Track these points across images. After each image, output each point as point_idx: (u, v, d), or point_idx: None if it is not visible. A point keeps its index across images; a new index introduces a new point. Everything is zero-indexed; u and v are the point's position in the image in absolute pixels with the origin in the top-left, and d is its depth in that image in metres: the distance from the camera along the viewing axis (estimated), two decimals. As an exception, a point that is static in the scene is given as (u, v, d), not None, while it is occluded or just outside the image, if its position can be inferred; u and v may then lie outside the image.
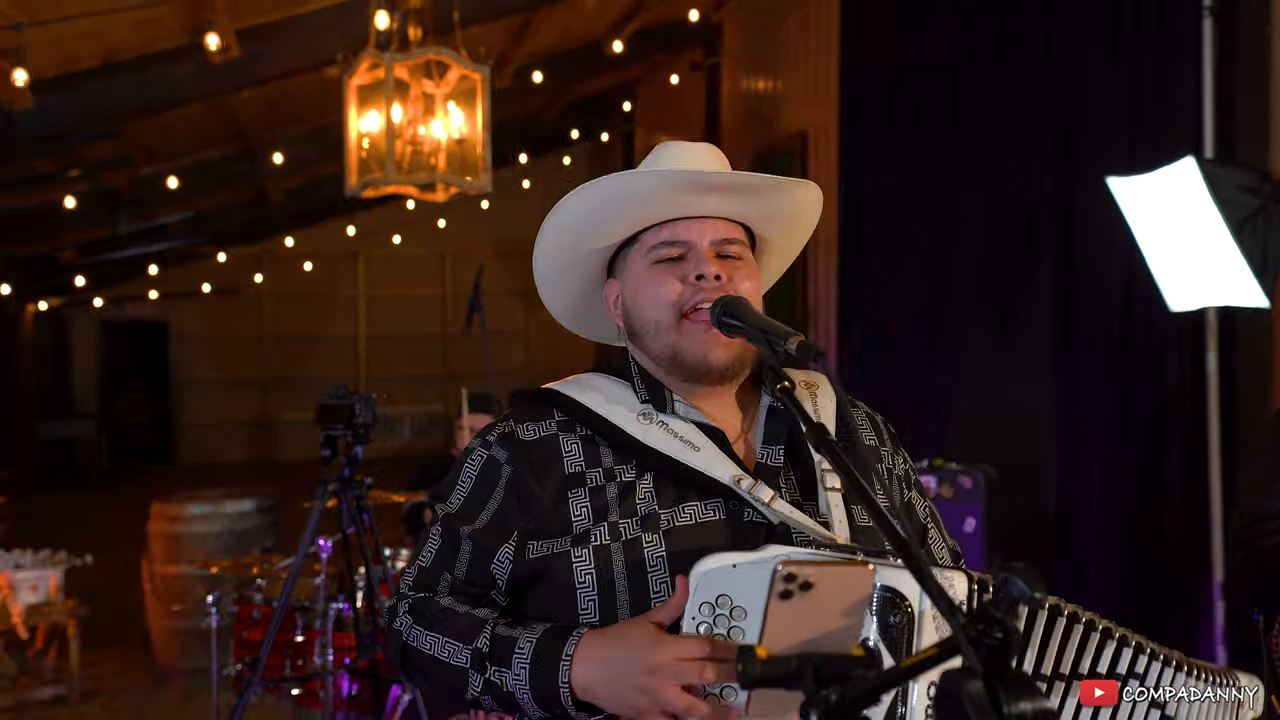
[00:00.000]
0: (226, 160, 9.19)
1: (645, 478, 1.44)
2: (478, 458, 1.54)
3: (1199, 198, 3.63)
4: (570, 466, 1.46)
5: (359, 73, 4.71)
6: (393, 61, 4.58)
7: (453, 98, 4.78)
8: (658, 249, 1.51)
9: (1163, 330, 4.41)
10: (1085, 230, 4.85)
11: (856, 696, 0.72)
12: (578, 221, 1.52)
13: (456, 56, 4.75)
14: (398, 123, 4.65)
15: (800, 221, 1.62)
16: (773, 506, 1.38)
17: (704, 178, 1.47)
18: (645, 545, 1.38)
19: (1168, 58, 4.45)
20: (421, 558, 1.54)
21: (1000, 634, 0.70)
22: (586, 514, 1.42)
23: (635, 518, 1.40)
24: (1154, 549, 4.54)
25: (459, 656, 1.40)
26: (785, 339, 1.28)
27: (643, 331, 1.52)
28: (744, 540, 1.36)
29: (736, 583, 1.19)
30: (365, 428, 3.16)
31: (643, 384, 1.54)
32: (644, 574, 1.37)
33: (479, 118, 4.76)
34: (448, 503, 1.53)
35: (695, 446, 1.45)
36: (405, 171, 4.66)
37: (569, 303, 1.66)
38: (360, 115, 4.76)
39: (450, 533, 1.51)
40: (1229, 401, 4.26)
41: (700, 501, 1.42)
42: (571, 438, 1.49)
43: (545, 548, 1.42)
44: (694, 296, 1.47)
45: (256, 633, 3.99)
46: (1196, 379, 4.33)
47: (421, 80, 4.73)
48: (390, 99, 4.56)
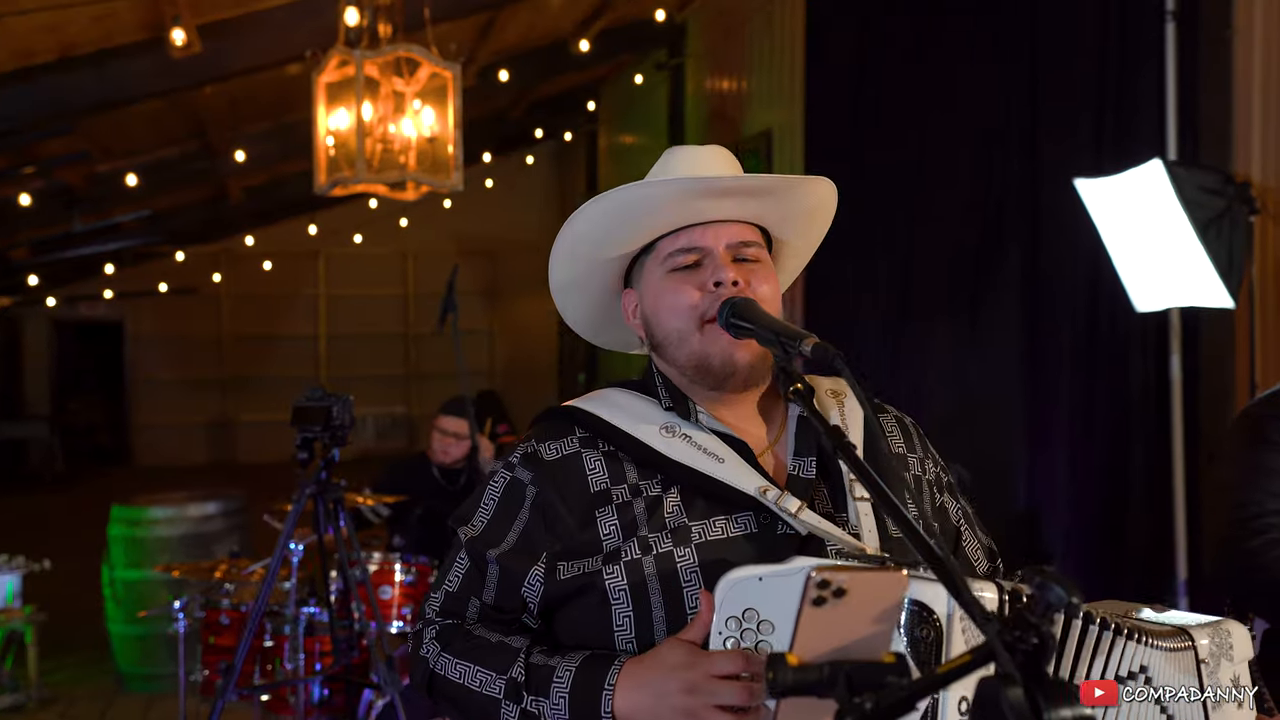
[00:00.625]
0: (186, 157, 9.06)
1: (672, 491, 1.42)
2: (500, 480, 1.51)
3: (1165, 199, 3.67)
4: (595, 484, 1.44)
5: (328, 70, 4.66)
6: (363, 59, 4.54)
7: (422, 95, 4.74)
8: (674, 257, 1.49)
9: (1127, 331, 4.47)
10: (1051, 230, 4.90)
11: (891, 704, 0.71)
12: (591, 234, 1.50)
13: (427, 54, 4.71)
14: (368, 121, 4.60)
15: (816, 219, 1.60)
16: (800, 517, 1.36)
17: (716, 183, 1.45)
18: (678, 559, 1.36)
19: (1131, 60, 4.51)
20: (448, 583, 1.51)
21: (1035, 640, 0.70)
22: (615, 532, 1.40)
23: (665, 530, 1.39)
24: (1119, 548, 4.60)
25: (492, 686, 1.38)
26: (799, 340, 1.26)
27: (666, 342, 1.50)
28: (775, 553, 1.34)
29: (763, 596, 1.18)
30: (342, 429, 3.13)
31: (667, 393, 1.52)
32: (678, 586, 1.35)
33: (450, 116, 4.73)
34: (471, 525, 1.51)
35: (720, 458, 1.43)
36: (376, 170, 4.62)
37: (586, 312, 1.63)
38: (329, 113, 4.70)
39: (477, 557, 1.48)
40: (1192, 402, 4.32)
41: (727, 516, 1.40)
42: (594, 454, 1.47)
43: (577, 568, 1.40)
44: (714, 304, 1.44)
45: (225, 638, 3.93)
46: (1160, 380, 4.38)
47: (392, 78, 4.69)
48: (361, 97, 4.51)
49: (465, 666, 1.41)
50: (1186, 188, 3.65)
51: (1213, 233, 3.67)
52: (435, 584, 1.54)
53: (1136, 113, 4.48)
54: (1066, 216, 4.55)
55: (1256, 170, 4.26)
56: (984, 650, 0.73)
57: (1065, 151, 4.75)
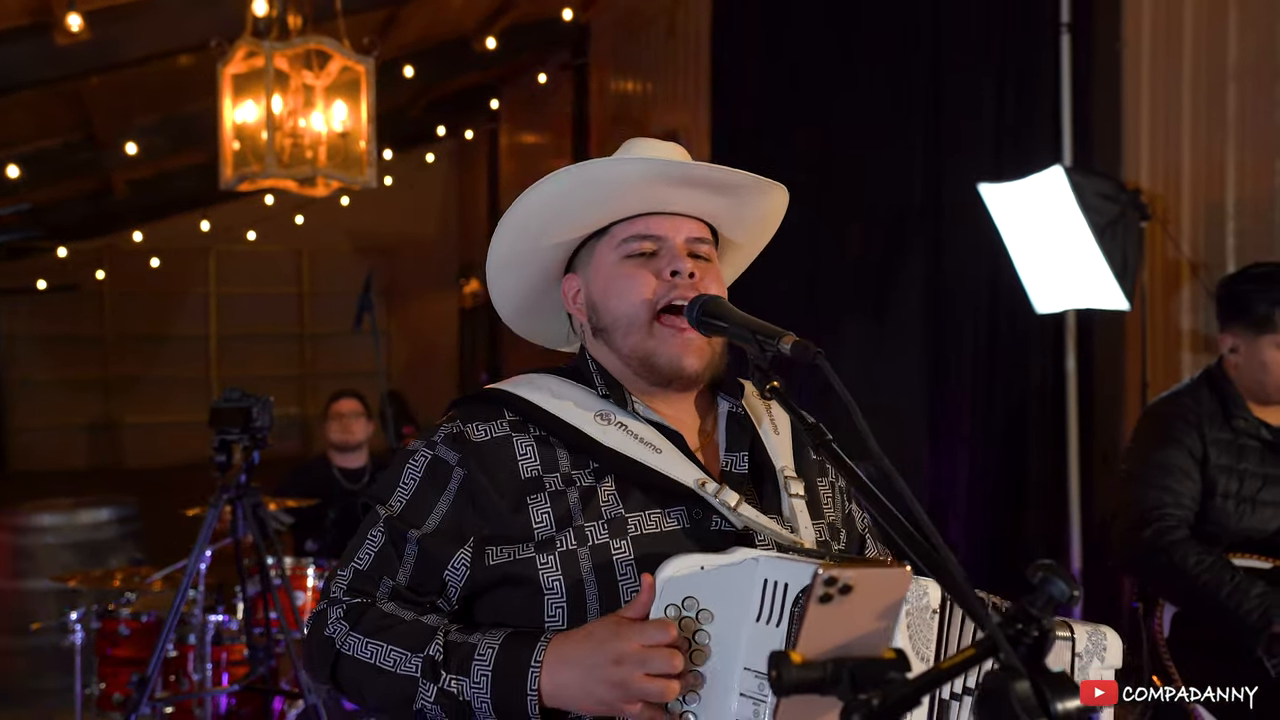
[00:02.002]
0: (69, 149, 8.68)
1: (606, 481, 1.40)
2: (421, 458, 1.45)
3: (1065, 204, 3.81)
4: (526, 470, 1.41)
5: (234, 61, 4.51)
6: (273, 50, 4.41)
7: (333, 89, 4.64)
8: (630, 242, 1.47)
9: (1026, 332, 4.62)
10: (953, 234, 5.03)
11: (897, 700, 0.72)
12: (548, 209, 1.46)
13: (339, 47, 4.61)
14: (278, 114, 4.48)
15: (768, 225, 1.62)
16: (739, 511, 1.36)
17: (690, 169, 1.44)
18: (614, 551, 1.35)
19: (1029, 69, 4.66)
20: (358, 560, 1.44)
21: (1036, 633, 0.71)
22: (548, 520, 1.37)
23: (601, 521, 1.36)
24: (1016, 544, 4.75)
25: (407, 665, 1.33)
26: (777, 339, 1.26)
27: (612, 328, 1.47)
28: (711, 548, 1.32)
29: (704, 585, 1.18)
30: (263, 431, 3.03)
31: (602, 380, 1.49)
32: (613, 579, 1.33)
33: (363, 111, 4.63)
34: (388, 505, 1.44)
35: (656, 449, 1.41)
36: (285, 165, 4.50)
37: (519, 295, 1.59)
38: (236, 105, 4.56)
39: (394, 535, 1.42)
40: (1087, 402, 4.49)
41: (663, 509, 1.38)
42: (525, 439, 1.43)
43: (507, 554, 1.37)
44: (669, 294, 1.43)
45: (124, 649, 3.78)
46: (1057, 380, 4.54)
47: (302, 71, 4.57)
48: (271, 89, 4.38)
49: (376, 646, 1.35)
50: (1085, 193, 3.80)
51: (1109, 237, 3.82)
52: (342, 561, 1.47)
53: (1034, 120, 4.63)
54: (969, 220, 4.67)
55: (1145, 177, 4.45)
56: (988, 643, 0.74)
57: (967, 156, 4.89)
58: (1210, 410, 2.68)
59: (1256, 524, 2.60)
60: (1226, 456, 2.65)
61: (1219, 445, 2.65)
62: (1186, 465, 2.61)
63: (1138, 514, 2.62)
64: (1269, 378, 2.66)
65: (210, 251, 14.60)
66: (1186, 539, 2.55)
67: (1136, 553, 2.63)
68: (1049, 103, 4.50)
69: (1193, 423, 2.67)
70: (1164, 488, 2.62)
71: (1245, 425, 2.67)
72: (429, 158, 13.17)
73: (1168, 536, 2.56)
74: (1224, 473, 2.62)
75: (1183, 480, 2.60)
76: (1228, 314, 2.78)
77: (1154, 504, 2.59)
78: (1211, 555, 2.53)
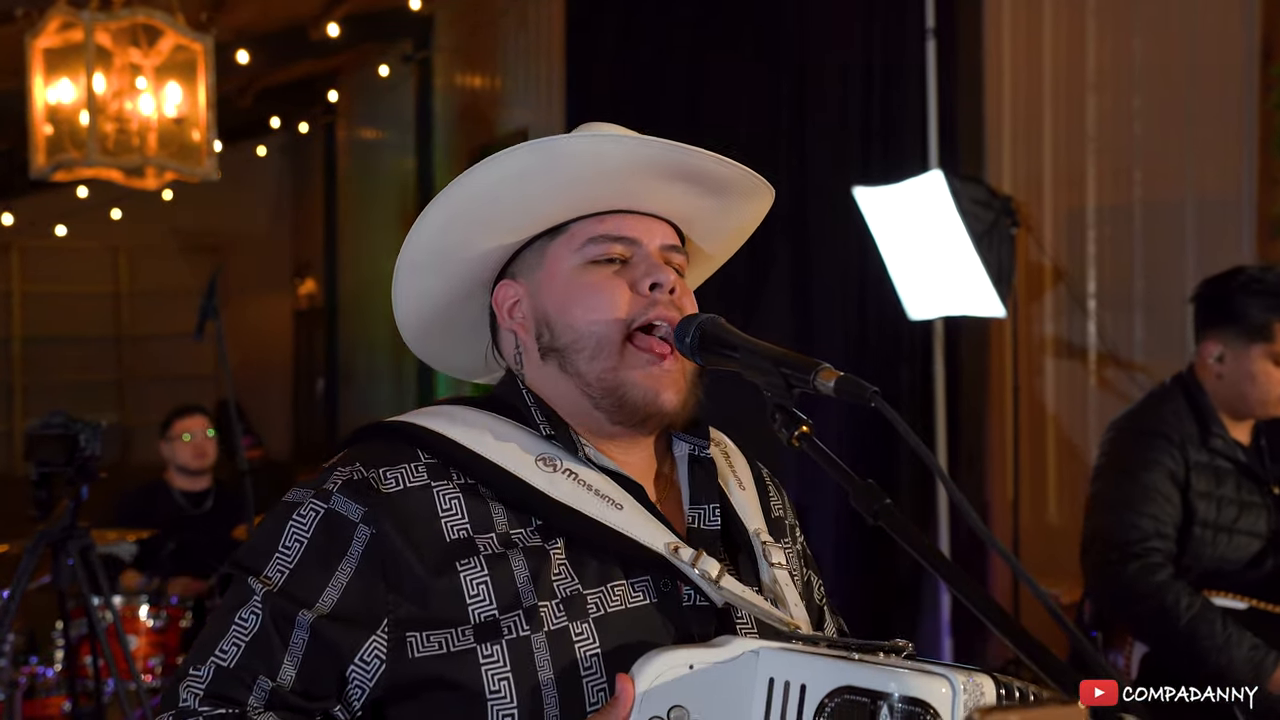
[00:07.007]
0: None
1: (555, 544, 1.12)
2: (311, 512, 1.13)
3: (944, 210, 3.76)
4: (453, 530, 1.11)
5: (47, 33, 3.99)
6: (94, 23, 3.92)
7: (165, 70, 4.18)
8: (596, 244, 1.20)
9: (895, 338, 4.60)
10: (820, 239, 4.97)
11: None
12: (494, 194, 1.16)
13: (172, 22, 4.15)
14: (100, 95, 3.99)
15: (743, 235, 1.38)
16: (720, 585, 1.11)
17: (690, 157, 1.19)
18: (575, 639, 1.07)
19: (896, 74, 4.65)
20: (220, 653, 1.09)
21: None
22: (486, 594, 1.08)
23: (556, 600, 1.08)
24: (884, 549, 4.72)
25: None
26: (812, 372, 1.04)
27: (572, 349, 1.19)
28: (688, 630, 1.10)
29: (695, 690, 0.96)
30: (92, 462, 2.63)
31: (544, 418, 1.20)
32: (577, 677, 1.06)
33: (201, 95, 4.18)
34: (262, 576, 1.10)
35: (617, 504, 1.14)
36: (110, 153, 4.01)
37: (430, 312, 1.27)
38: (49, 84, 4.04)
39: (276, 617, 1.09)
40: (953, 408, 4.49)
41: (627, 580, 1.12)
42: (448, 488, 1.14)
43: (436, 643, 1.07)
44: (646, 311, 1.18)
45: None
46: (925, 387, 4.53)
47: (128, 48, 4.09)
48: (92, 67, 3.90)
49: None
50: (963, 199, 3.76)
51: (985, 244, 3.80)
52: (195, 656, 1.12)
53: (902, 125, 4.62)
54: (837, 225, 4.62)
55: (1008, 184, 4.49)
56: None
57: (834, 161, 4.84)
58: (1189, 429, 2.49)
59: (1229, 553, 2.46)
60: (1205, 481, 2.47)
61: (1199, 469, 2.47)
62: (1167, 489, 2.42)
63: (1119, 544, 2.42)
64: (1254, 390, 2.47)
65: (13, 247, 13.52)
66: (1173, 578, 2.37)
67: (1121, 591, 2.42)
68: (917, 108, 4.48)
69: (1175, 441, 2.47)
70: (1146, 514, 2.42)
71: (1222, 446, 2.50)
72: (260, 151, 12.52)
73: (1155, 576, 2.36)
74: (1203, 499, 2.44)
75: (1164, 506, 2.41)
76: (1213, 319, 2.55)
77: (1136, 535, 2.39)
78: (1199, 598, 2.35)
